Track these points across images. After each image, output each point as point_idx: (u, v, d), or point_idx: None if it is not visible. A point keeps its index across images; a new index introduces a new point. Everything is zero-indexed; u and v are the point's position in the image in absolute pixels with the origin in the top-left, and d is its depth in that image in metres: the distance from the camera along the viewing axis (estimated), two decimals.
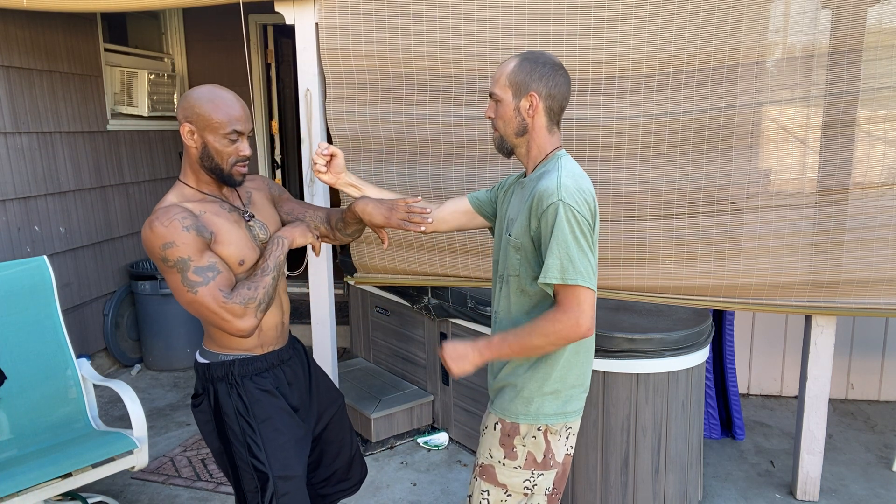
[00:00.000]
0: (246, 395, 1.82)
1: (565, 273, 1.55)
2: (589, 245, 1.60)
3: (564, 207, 1.56)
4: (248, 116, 1.78)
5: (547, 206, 1.58)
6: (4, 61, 3.47)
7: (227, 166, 1.76)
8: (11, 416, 2.66)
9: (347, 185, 2.03)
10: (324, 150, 1.94)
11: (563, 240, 1.56)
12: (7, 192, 3.51)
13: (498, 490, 1.74)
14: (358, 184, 2.04)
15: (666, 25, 2.44)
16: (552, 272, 1.56)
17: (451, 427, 3.44)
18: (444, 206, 2.01)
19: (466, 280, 2.87)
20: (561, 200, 1.56)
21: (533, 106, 1.67)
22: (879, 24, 2.35)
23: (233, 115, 1.73)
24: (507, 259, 1.73)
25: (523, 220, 1.66)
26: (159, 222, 1.66)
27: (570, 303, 1.57)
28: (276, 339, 1.92)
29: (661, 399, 2.60)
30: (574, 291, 1.57)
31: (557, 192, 1.57)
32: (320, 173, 1.96)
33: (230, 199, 1.87)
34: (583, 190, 1.62)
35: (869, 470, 3.16)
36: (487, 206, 1.97)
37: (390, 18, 2.58)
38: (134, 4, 2.71)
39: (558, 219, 1.56)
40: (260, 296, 1.72)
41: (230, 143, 1.74)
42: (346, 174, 2.02)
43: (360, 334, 4.09)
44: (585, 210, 1.60)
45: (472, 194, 2.02)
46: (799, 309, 2.63)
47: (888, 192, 2.46)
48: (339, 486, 2.14)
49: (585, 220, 1.59)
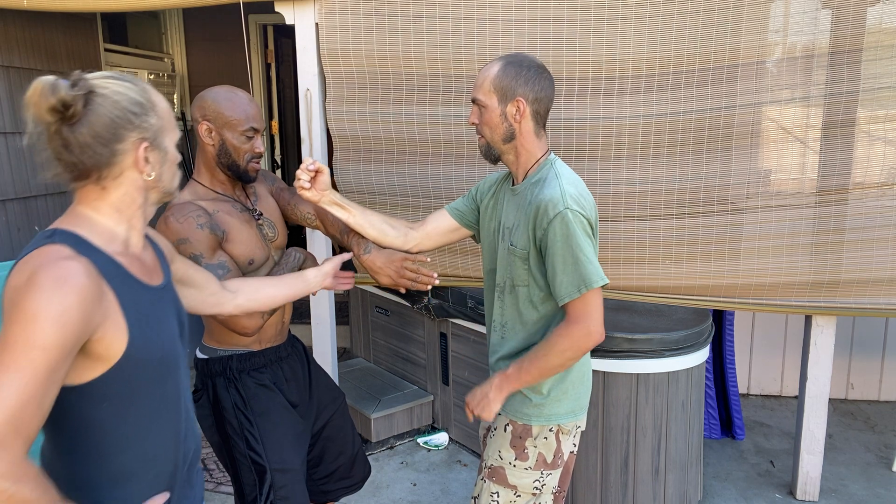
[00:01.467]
0: (244, 390, 1.85)
1: (580, 285, 1.56)
2: (594, 248, 1.61)
3: (573, 215, 1.56)
4: (262, 114, 1.87)
5: (553, 215, 1.56)
6: (4, 61, 3.47)
7: (243, 163, 1.82)
8: None
9: (332, 204, 1.87)
10: (309, 166, 1.80)
11: (579, 249, 1.56)
12: (7, 192, 3.51)
13: (508, 491, 1.74)
14: (343, 203, 1.87)
15: (666, 25, 2.44)
16: (570, 288, 1.56)
17: (451, 427, 3.44)
18: (426, 222, 1.95)
19: (466, 280, 2.87)
20: (568, 209, 1.56)
21: (520, 111, 1.64)
22: (879, 24, 2.35)
23: (249, 113, 1.80)
24: (511, 269, 1.70)
25: (525, 230, 1.64)
26: (174, 218, 1.69)
27: (577, 313, 1.58)
28: (274, 336, 1.94)
29: (661, 399, 2.60)
30: (582, 300, 1.57)
31: (563, 201, 1.57)
32: (304, 189, 1.82)
33: (241, 199, 1.91)
34: (584, 195, 1.63)
35: (869, 470, 3.16)
36: (470, 215, 1.92)
37: (390, 18, 2.58)
38: (134, 4, 2.72)
39: (569, 228, 1.55)
40: None
41: (247, 140, 1.81)
42: (331, 192, 1.86)
43: (360, 334, 4.09)
44: (590, 213, 1.62)
45: (452, 206, 1.95)
46: (799, 309, 2.63)
47: (888, 192, 2.46)
48: (341, 483, 2.15)
49: (589, 224, 1.60)
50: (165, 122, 1.19)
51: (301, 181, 1.81)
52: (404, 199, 2.80)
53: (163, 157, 1.19)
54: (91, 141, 1.10)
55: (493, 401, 1.66)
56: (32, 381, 0.97)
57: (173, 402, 1.24)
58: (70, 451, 1.12)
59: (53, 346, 0.99)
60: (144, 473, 1.19)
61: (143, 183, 1.17)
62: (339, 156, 2.79)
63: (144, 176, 1.16)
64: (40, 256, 1.05)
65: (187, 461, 1.30)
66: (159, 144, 1.18)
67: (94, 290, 1.05)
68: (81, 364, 1.08)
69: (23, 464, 0.97)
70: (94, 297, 1.05)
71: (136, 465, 1.17)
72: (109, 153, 1.11)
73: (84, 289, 1.03)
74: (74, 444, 1.12)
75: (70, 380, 1.07)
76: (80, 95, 1.08)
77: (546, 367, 1.61)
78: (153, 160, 1.17)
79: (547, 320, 1.70)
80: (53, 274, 1.01)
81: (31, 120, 1.10)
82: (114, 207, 1.16)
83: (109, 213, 1.16)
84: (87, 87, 1.10)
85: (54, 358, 0.99)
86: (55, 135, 1.10)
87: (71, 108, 1.07)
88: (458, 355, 3.32)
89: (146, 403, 1.17)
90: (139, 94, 1.15)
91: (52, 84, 1.06)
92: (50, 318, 0.98)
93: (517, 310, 1.72)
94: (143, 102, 1.15)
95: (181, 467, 1.27)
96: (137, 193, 1.17)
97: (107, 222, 1.16)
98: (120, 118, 1.11)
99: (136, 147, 1.14)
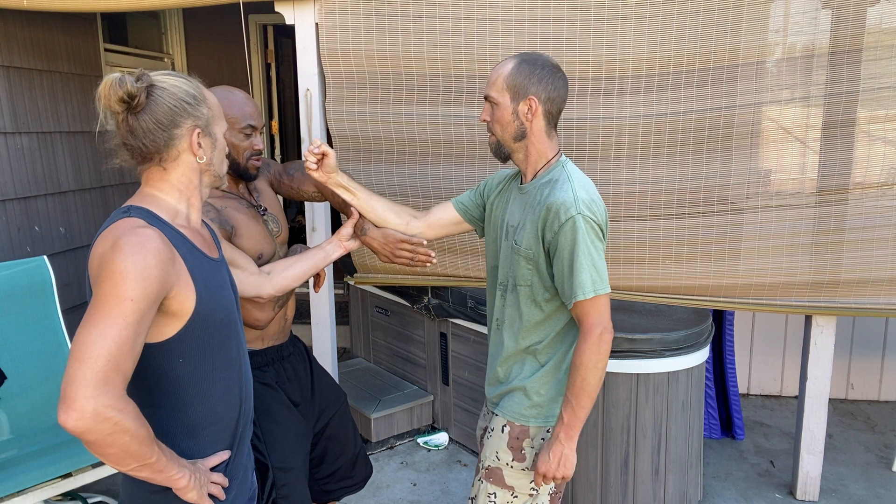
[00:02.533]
0: None
1: (596, 286, 1.56)
2: (603, 251, 1.62)
3: (584, 220, 1.56)
4: (261, 113, 1.89)
5: (566, 219, 1.56)
6: (4, 61, 3.47)
7: (242, 160, 1.85)
8: (11, 416, 2.66)
9: (338, 186, 1.90)
10: (315, 149, 1.83)
11: (588, 254, 1.56)
12: (7, 192, 3.51)
13: (505, 492, 1.74)
14: (350, 186, 1.91)
15: (666, 25, 2.44)
16: (586, 288, 1.56)
17: (451, 427, 3.44)
18: (430, 212, 1.97)
19: (466, 280, 2.87)
20: (580, 214, 1.56)
21: (532, 110, 1.64)
22: (879, 24, 2.35)
23: (247, 111, 1.84)
24: (514, 268, 1.70)
25: (533, 230, 1.64)
26: None
27: (591, 318, 1.58)
28: (276, 335, 1.95)
29: (661, 399, 2.60)
30: (594, 303, 1.57)
31: (576, 205, 1.56)
32: (311, 170, 1.86)
33: (246, 196, 1.93)
34: (595, 201, 1.63)
35: (869, 470, 3.16)
36: (474, 210, 1.93)
37: (390, 18, 2.58)
38: (134, 4, 2.72)
39: (580, 233, 1.55)
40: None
41: (245, 138, 1.84)
42: (338, 174, 1.89)
43: (360, 334, 4.09)
44: (601, 219, 1.62)
45: (458, 199, 1.96)
46: (799, 309, 2.63)
47: (888, 192, 2.46)
48: (342, 482, 2.15)
49: (601, 229, 1.61)
50: (215, 113, 1.37)
51: (308, 162, 1.85)
52: (404, 199, 2.80)
53: (213, 144, 1.36)
54: (153, 126, 1.27)
55: (571, 453, 1.62)
56: (126, 328, 1.13)
57: (237, 362, 1.40)
58: (151, 403, 1.28)
59: (140, 298, 1.15)
60: (212, 426, 1.35)
61: (197, 165, 1.34)
62: (339, 156, 2.79)
63: (198, 159, 1.33)
64: (120, 227, 1.22)
65: (248, 420, 1.45)
66: (210, 132, 1.35)
67: (168, 253, 1.22)
68: (160, 322, 1.24)
69: (124, 398, 1.13)
70: (168, 259, 1.21)
71: (206, 417, 1.33)
72: (168, 137, 1.29)
73: (160, 251, 1.19)
74: (154, 396, 1.29)
75: (151, 338, 1.24)
76: (143, 88, 1.26)
77: (590, 388, 1.58)
78: (205, 145, 1.34)
79: (551, 321, 1.69)
80: (134, 239, 1.18)
81: (102, 111, 1.27)
82: (175, 187, 1.33)
83: (171, 193, 1.33)
84: (148, 80, 1.28)
85: (141, 308, 1.15)
86: (123, 122, 1.28)
87: (136, 99, 1.25)
88: (458, 355, 3.32)
89: (215, 360, 1.33)
90: (193, 88, 1.32)
91: (119, 79, 1.24)
92: (135, 273, 1.15)
93: (518, 309, 1.72)
94: (196, 95, 1.32)
95: (241, 425, 1.42)
96: (193, 174, 1.35)
97: (170, 200, 1.33)
98: (177, 107, 1.28)
99: (190, 133, 1.31)
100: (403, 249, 1.90)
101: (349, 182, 1.92)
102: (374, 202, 1.93)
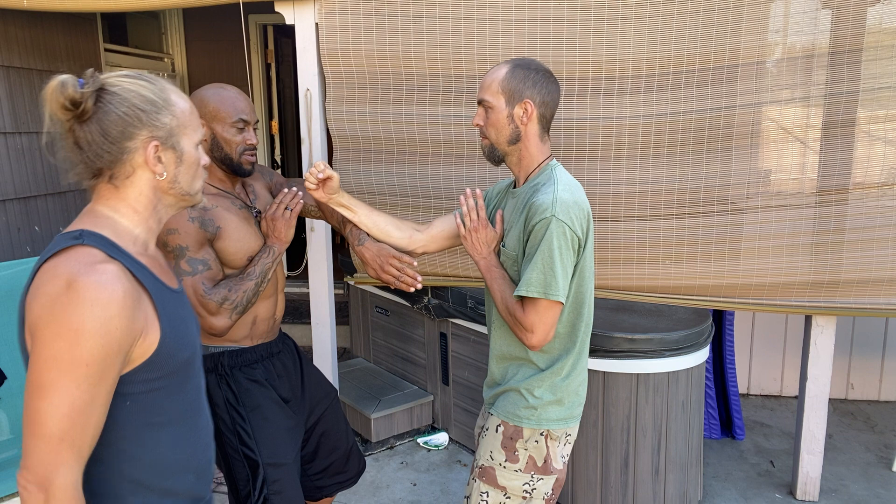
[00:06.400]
0: (235, 386, 1.86)
1: (548, 288, 1.57)
2: (571, 263, 1.61)
3: (557, 223, 1.56)
4: (253, 108, 1.88)
5: (539, 220, 1.57)
6: (4, 61, 3.47)
7: (235, 155, 1.85)
8: (11, 416, 2.66)
9: (339, 205, 1.88)
10: (319, 174, 1.79)
11: (548, 255, 1.56)
12: (7, 192, 3.51)
13: (497, 492, 1.74)
14: (350, 204, 1.89)
15: (666, 25, 2.44)
16: (534, 286, 1.57)
17: (451, 427, 3.44)
18: (433, 225, 1.96)
19: (466, 280, 2.87)
20: (554, 216, 1.56)
21: (528, 113, 1.65)
22: (879, 24, 2.35)
23: (238, 105, 1.84)
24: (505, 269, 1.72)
25: (517, 231, 1.66)
26: None
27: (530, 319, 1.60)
28: (266, 333, 1.96)
29: (661, 399, 2.60)
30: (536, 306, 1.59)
31: (552, 207, 1.57)
32: (311, 190, 1.83)
33: (241, 196, 1.93)
34: (579, 204, 1.62)
35: (869, 470, 3.16)
36: None
37: (390, 18, 2.58)
38: (134, 4, 2.72)
39: (548, 234, 1.56)
40: (238, 298, 1.76)
41: (237, 133, 1.84)
42: (340, 195, 1.86)
43: (360, 334, 4.09)
44: (578, 227, 1.60)
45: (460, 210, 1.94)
46: (799, 309, 2.63)
47: (888, 192, 2.46)
48: (336, 478, 2.16)
49: (575, 237, 1.59)
50: (183, 121, 1.15)
51: (308, 182, 1.82)
52: (404, 200, 2.80)
53: (178, 158, 1.15)
54: (100, 139, 1.08)
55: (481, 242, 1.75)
56: (80, 398, 0.96)
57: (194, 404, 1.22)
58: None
59: (98, 359, 0.98)
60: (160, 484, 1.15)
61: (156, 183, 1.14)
62: (338, 156, 2.79)
63: (156, 176, 1.13)
64: (72, 261, 1.02)
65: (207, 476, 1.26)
66: (174, 144, 1.14)
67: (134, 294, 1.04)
68: None
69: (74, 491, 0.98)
70: (134, 302, 1.03)
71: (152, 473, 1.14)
72: (118, 151, 1.10)
73: (126, 296, 1.01)
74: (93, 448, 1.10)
75: None
76: (89, 93, 1.07)
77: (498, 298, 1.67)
78: (166, 160, 1.14)
79: None
80: (93, 281, 0.99)
81: (48, 118, 1.09)
82: (131, 208, 1.14)
83: (128, 214, 1.14)
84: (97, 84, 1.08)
85: (100, 371, 0.98)
86: (68, 133, 1.09)
87: (81, 106, 1.06)
88: (458, 355, 3.32)
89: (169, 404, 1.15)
90: (153, 93, 1.12)
91: (62, 82, 1.05)
92: (94, 332, 0.97)
93: None
94: (157, 101, 1.12)
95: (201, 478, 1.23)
96: (152, 194, 1.15)
97: (126, 224, 1.13)
98: (129, 115, 1.09)
99: (145, 145, 1.11)
100: (392, 266, 1.90)
101: (349, 200, 1.90)
102: (375, 217, 1.92)
